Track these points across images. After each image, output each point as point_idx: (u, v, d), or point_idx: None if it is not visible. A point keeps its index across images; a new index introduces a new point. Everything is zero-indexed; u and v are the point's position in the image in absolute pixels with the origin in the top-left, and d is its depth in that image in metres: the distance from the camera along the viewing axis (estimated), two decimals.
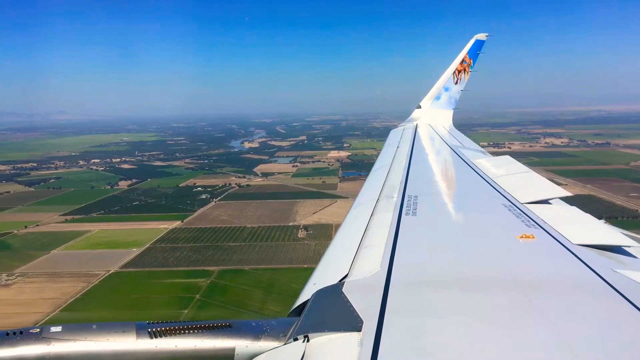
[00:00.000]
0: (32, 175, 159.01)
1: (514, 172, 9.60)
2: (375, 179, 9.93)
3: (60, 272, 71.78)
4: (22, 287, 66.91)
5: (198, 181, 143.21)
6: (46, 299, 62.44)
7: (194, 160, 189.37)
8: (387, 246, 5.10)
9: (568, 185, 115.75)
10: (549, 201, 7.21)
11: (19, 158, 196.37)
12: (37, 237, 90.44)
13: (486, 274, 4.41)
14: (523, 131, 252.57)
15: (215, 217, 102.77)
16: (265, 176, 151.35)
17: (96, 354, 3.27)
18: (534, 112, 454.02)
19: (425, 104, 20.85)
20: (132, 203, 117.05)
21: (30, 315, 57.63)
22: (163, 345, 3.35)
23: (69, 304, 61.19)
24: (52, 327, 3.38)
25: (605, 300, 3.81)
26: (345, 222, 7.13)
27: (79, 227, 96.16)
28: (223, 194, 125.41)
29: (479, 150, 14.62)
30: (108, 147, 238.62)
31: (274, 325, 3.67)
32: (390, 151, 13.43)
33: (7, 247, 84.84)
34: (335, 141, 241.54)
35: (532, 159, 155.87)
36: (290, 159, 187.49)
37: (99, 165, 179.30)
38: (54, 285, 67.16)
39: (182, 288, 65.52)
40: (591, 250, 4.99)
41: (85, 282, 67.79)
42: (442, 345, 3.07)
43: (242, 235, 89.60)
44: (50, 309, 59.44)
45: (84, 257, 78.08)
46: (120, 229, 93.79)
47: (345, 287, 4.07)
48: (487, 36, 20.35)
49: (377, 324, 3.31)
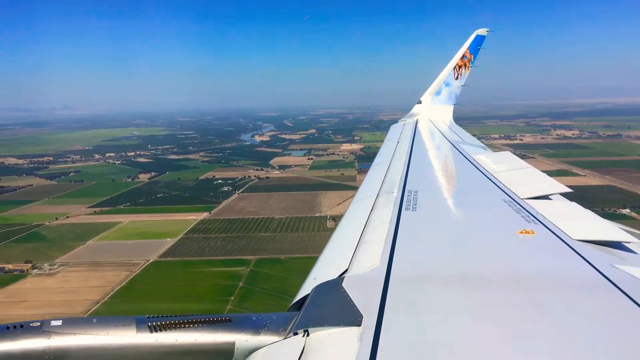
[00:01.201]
0: (51, 169, 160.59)
1: (514, 167, 9.63)
2: (375, 174, 9.88)
3: (100, 262, 73.46)
4: (66, 276, 68.58)
5: (217, 174, 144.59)
6: (93, 287, 64.09)
7: (209, 154, 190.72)
8: (387, 241, 5.11)
9: (587, 176, 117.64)
10: (549, 197, 7.25)
11: (34, 152, 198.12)
12: (69, 228, 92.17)
13: (486, 269, 4.42)
14: (532, 123, 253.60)
15: (241, 208, 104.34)
16: (283, 169, 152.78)
17: (96, 347, 3.29)
18: (539, 104, 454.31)
19: (425, 99, 20.91)
20: (157, 195, 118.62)
21: (81, 303, 59.47)
22: (163, 339, 3.36)
23: (116, 291, 62.89)
24: (52, 321, 3.38)
25: (605, 296, 3.82)
26: (346, 217, 7.16)
27: (108, 218, 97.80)
28: (244, 186, 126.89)
29: (479, 145, 14.65)
30: (120, 141, 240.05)
31: (274, 319, 3.67)
32: (391, 146, 13.44)
33: (43, 238, 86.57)
34: (346, 134, 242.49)
35: (547, 151, 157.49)
36: (304, 152, 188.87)
37: (115, 158, 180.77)
38: (97, 274, 68.87)
39: (223, 276, 67.16)
40: (591, 246, 5.01)
41: (127, 271, 69.50)
42: (442, 340, 3.09)
43: (272, 225, 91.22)
44: (99, 297, 61.12)
45: (120, 247, 79.74)
46: (150, 220, 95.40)
47: (345, 282, 4.08)
48: (487, 31, 20.42)
49: (377, 318, 3.33)
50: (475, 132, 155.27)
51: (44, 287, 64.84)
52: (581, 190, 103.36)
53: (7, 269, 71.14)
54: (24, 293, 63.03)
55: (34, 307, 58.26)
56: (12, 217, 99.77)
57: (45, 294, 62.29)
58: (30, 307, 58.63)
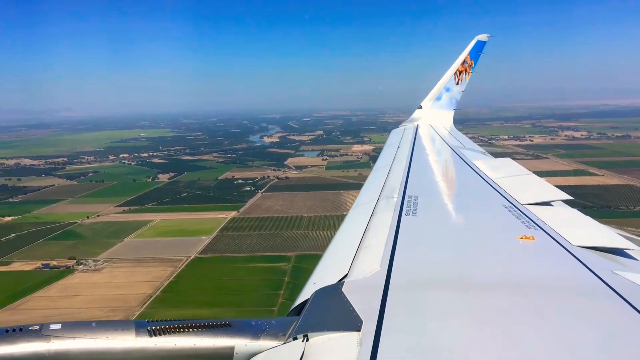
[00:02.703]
0: (68, 169, 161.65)
1: (515, 174, 9.66)
2: (375, 179, 9.89)
3: (142, 258, 74.99)
4: (112, 272, 70.10)
5: (235, 174, 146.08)
6: (141, 282, 65.62)
7: (221, 154, 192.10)
8: (387, 246, 5.12)
9: (604, 175, 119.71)
10: (549, 203, 7.23)
11: (46, 153, 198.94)
12: (103, 226, 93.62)
13: (486, 275, 4.44)
14: (538, 125, 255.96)
15: (268, 207, 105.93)
16: (300, 169, 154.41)
17: (95, 351, 3.29)
18: (540, 106, 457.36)
19: (426, 104, 20.92)
20: (181, 195, 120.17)
21: (134, 297, 60.98)
22: (162, 343, 3.37)
23: (166, 286, 64.44)
24: (51, 325, 3.38)
25: (605, 302, 3.81)
26: (346, 222, 7.15)
27: (138, 217, 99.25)
28: (265, 186, 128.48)
29: (479, 150, 14.67)
30: (129, 143, 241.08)
31: (274, 324, 3.67)
32: (391, 151, 13.47)
33: (79, 236, 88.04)
34: (354, 135, 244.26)
35: (559, 152, 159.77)
36: (317, 153, 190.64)
37: (130, 159, 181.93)
38: (143, 269, 70.38)
39: (267, 271, 68.78)
40: (591, 252, 5.01)
41: (172, 267, 71.05)
42: (441, 346, 3.10)
43: (302, 223, 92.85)
44: (151, 291, 62.66)
45: (158, 245, 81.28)
46: (180, 219, 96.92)
47: (345, 287, 4.08)
48: (488, 37, 20.49)
49: (377, 324, 3.34)
50: (483, 133, 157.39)
51: (93, 282, 66.34)
52: (602, 189, 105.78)
53: (52, 265, 72.61)
54: (75, 288, 64.53)
55: (89, 301, 59.93)
56: (43, 216, 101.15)
57: (97, 288, 63.76)
58: (85, 300, 60.27)
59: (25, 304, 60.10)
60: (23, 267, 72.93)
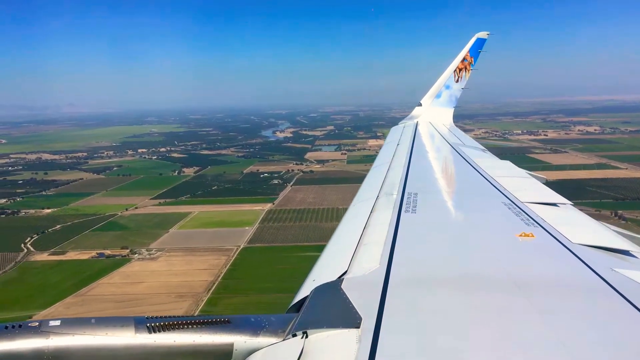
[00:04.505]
0: (91, 163, 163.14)
1: (515, 175, 9.77)
2: (375, 176, 9.92)
3: (193, 247, 76.99)
4: (168, 260, 72.07)
5: (259, 168, 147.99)
6: (200, 270, 67.65)
7: (239, 149, 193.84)
8: (387, 243, 5.13)
9: (627, 169, 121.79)
10: (549, 203, 7.23)
11: (64, 148, 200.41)
12: (144, 217, 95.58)
13: (485, 272, 4.45)
14: (548, 120, 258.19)
15: (302, 199, 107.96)
16: (321, 163, 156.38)
17: (95, 348, 3.29)
18: (546, 102, 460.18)
19: (426, 101, 20.95)
20: (211, 188, 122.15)
21: (198, 283, 63.11)
22: (162, 340, 3.38)
23: (225, 273, 66.50)
24: (51, 321, 3.38)
25: (605, 300, 3.82)
26: (345, 218, 7.15)
27: (176, 209, 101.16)
28: (292, 180, 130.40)
29: (479, 148, 14.69)
30: (143, 138, 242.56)
31: (273, 321, 3.67)
32: (391, 148, 13.49)
33: (124, 227, 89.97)
34: (366, 130, 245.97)
35: (576, 146, 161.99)
36: (334, 148, 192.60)
37: (149, 154, 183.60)
38: (198, 258, 72.42)
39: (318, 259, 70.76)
40: (591, 250, 5.02)
41: (224, 256, 73.07)
42: (441, 343, 3.10)
43: (339, 215, 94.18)
44: (212, 278, 64.70)
45: (205, 235, 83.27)
46: (218, 211, 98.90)
47: (344, 283, 4.09)
48: (488, 34, 20.54)
49: (376, 320, 3.34)
50: (496, 128, 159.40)
51: (152, 270, 68.34)
52: (629, 182, 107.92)
53: (107, 254, 74.62)
54: (137, 275, 66.54)
55: (155, 287, 62.02)
56: (81, 208, 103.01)
57: (158, 276, 65.81)
58: (151, 287, 62.32)
59: (92, 290, 62.11)
60: (78, 256, 74.87)
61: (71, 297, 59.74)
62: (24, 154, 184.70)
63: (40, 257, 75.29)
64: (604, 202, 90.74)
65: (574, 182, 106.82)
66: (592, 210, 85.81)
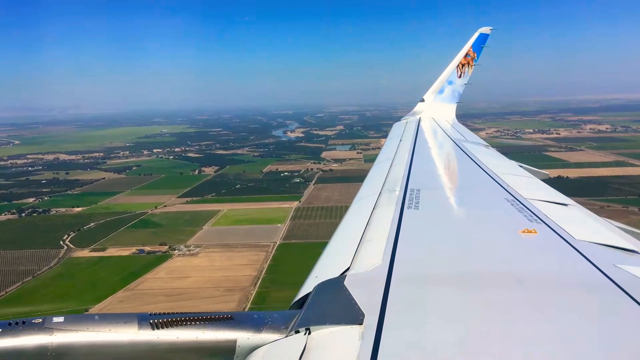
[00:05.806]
0: (109, 163, 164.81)
1: (519, 173, 9.79)
2: (377, 172, 9.88)
3: (230, 244, 78.48)
4: (209, 256, 73.55)
5: (278, 167, 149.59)
6: (242, 265, 69.14)
7: (253, 149, 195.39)
8: (389, 240, 5.14)
9: None
10: (553, 202, 7.22)
11: (79, 149, 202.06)
12: (175, 215, 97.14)
13: (487, 269, 4.44)
14: (558, 118, 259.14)
15: (327, 197, 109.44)
16: (339, 162, 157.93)
17: (98, 344, 3.31)
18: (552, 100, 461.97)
19: (428, 97, 20.85)
20: (235, 186, 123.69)
21: (243, 278, 64.59)
22: (165, 336, 3.39)
23: (267, 268, 67.94)
24: (54, 318, 3.39)
25: (607, 296, 3.81)
26: (348, 215, 7.14)
27: (204, 207, 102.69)
28: (313, 178, 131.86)
29: (482, 144, 14.72)
30: (155, 138, 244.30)
31: (276, 317, 3.68)
32: (393, 144, 13.47)
33: (157, 225, 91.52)
34: (376, 130, 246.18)
35: (591, 144, 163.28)
36: (348, 147, 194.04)
37: (165, 154, 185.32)
38: (237, 254, 73.91)
39: None
40: (593, 246, 5.02)
41: (263, 252, 74.57)
42: (443, 339, 3.10)
43: None
44: (255, 273, 66.17)
45: (239, 232, 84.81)
46: (247, 209, 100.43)
47: (347, 280, 4.09)
48: (491, 30, 20.43)
49: (379, 317, 3.34)
50: (506, 127, 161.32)
51: (195, 265, 69.87)
52: None
53: (147, 250, 76.16)
54: (182, 270, 68.04)
55: (202, 282, 63.51)
56: (111, 206, 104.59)
57: (202, 271, 67.30)
58: (197, 281, 63.83)
59: (141, 285, 63.61)
60: (119, 252, 76.42)
61: (121, 292, 61.20)
62: (41, 154, 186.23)
63: (81, 253, 76.90)
64: (630, 199, 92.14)
65: (595, 180, 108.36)
66: (619, 206, 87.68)
